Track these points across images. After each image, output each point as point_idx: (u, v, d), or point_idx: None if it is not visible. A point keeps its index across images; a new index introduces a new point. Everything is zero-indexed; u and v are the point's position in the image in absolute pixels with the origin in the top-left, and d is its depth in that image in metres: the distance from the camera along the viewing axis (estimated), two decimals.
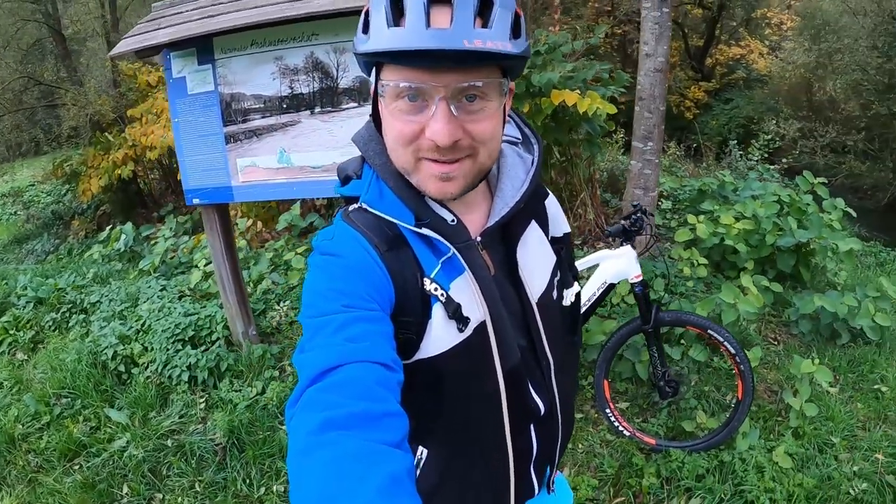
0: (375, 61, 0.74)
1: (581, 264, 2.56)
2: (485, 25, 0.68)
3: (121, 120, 7.30)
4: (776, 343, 3.24)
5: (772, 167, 6.31)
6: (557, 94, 3.51)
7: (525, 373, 0.88)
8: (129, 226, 5.35)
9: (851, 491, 2.17)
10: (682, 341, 2.90)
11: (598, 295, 2.45)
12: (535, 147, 0.91)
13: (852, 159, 11.04)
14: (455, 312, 0.79)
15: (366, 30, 0.72)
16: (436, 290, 0.79)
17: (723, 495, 2.18)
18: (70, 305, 4.18)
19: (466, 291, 0.81)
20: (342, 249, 0.78)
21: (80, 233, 7.12)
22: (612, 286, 2.46)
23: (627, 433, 2.48)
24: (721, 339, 2.30)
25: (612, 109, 3.57)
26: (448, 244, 0.80)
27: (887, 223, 8.70)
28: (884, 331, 3.10)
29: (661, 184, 5.23)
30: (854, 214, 3.90)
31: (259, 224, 5.28)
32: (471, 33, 0.66)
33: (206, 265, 4.20)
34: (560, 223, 1.01)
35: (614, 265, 2.39)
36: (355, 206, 0.85)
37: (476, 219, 0.86)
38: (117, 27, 7.90)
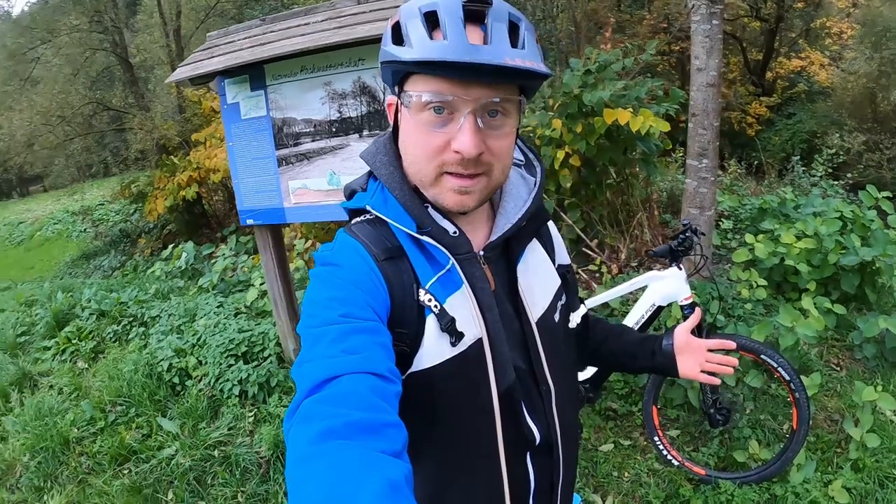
0: (406, 71, 0.76)
1: (629, 286, 2.50)
2: (515, 45, 0.72)
3: (186, 144, 7.68)
4: (839, 369, 3.05)
5: (836, 183, 6.03)
6: (610, 113, 3.47)
7: (521, 396, 0.85)
8: (190, 244, 5.60)
9: None
10: (738, 367, 2.77)
11: (646, 318, 2.38)
12: (538, 169, 0.93)
13: None
14: (448, 325, 0.78)
15: (399, 41, 0.74)
16: (430, 300, 0.78)
17: None
18: (131, 319, 4.40)
19: (463, 306, 0.80)
20: (341, 259, 0.79)
21: (147, 251, 7.47)
22: (660, 309, 2.39)
23: (676, 462, 2.39)
24: (775, 365, 2.19)
25: (666, 126, 3.49)
26: (448, 254, 0.80)
27: None
28: None
29: (720, 202, 5.04)
30: None
31: (317, 245, 5.41)
32: (510, 52, 0.70)
33: (261, 284, 4.33)
34: (562, 253, 1.02)
35: (661, 287, 2.32)
36: (358, 219, 0.87)
37: (478, 237, 0.87)
38: (182, 55, 8.37)
